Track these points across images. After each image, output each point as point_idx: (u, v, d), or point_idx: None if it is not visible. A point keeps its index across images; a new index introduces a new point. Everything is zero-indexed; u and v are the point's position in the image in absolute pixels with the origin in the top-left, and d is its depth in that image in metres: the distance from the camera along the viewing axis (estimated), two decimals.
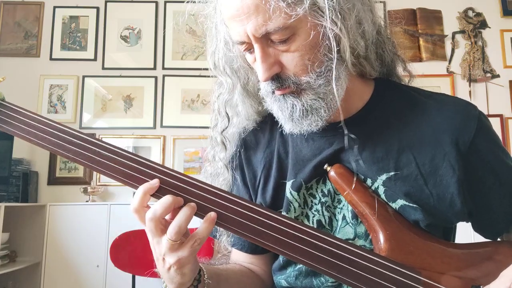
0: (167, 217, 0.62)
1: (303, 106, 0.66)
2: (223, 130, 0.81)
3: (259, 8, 0.60)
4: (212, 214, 0.62)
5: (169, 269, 0.61)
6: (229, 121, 0.80)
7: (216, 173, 0.82)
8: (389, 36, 0.76)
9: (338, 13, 0.62)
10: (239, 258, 0.85)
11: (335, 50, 0.63)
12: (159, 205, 0.59)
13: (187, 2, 0.73)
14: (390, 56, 0.77)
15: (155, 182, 0.62)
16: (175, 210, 0.61)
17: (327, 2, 0.61)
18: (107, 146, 0.65)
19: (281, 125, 0.72)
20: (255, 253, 0.82)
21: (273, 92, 0.68)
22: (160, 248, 0.60)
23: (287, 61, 0.65)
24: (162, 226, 0.60)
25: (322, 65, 0.65)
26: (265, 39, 0.63)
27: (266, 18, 0.60)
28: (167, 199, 0.60)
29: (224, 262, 0.85)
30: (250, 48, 0.66)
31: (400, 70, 0.81)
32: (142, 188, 0.61)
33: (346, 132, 0.66)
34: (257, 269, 0.84)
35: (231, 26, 0.65)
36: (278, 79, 0.66)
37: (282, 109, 0.68)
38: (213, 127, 0.82)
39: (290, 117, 0.68)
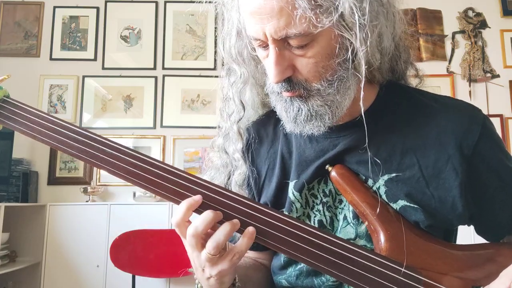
0: None
1: (309, 111, 0.66)
2: (239, 119, 0.79)
3: (283, 11, 0.58)
4: (250, 229, 0.61)
5: (208, 278, 0.62)
6: (244, 110, 0.79)
7: (225, 164, 0.81)
8: (406, 47, 0.75)
9: (366, 29, 0.60)
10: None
11: (351, 62, 0.63)
12: (200, 222, 0.59)
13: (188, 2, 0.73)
14: (403, 67, 0.77)
15: (198, 199, 0.61)
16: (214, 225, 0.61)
17: (358, 20, 0.59)
18: (110, 143, 0.65)
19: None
20: (256, 250, 0.84)
21: (280, 92, 0.68)
22: (200, 261, 0.61)
23: (301, 66, 0.64)
24: (203, 240, 0.60)
25: (334, 74, 0.64)
26: (283, 41, 0.62)
27: (288, 23, 0.59)
28: (208, 215, 0.60)
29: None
30: (264, 45, 0.65)
31: (409, 73, 0.80)
32: (186, 203, 0.61)
33: (367, 141, 0.66)
34: (266, 262, 0.86)
35: (249, 21, 0.64)
36: (289, 82, 0.65)
37: (287, 110, 0.68)
38: (227, 116, 0.80)
39: (294, 119, 0.67)
